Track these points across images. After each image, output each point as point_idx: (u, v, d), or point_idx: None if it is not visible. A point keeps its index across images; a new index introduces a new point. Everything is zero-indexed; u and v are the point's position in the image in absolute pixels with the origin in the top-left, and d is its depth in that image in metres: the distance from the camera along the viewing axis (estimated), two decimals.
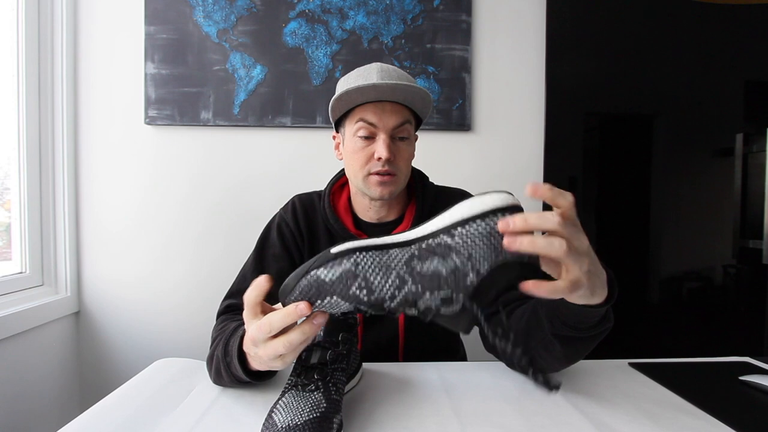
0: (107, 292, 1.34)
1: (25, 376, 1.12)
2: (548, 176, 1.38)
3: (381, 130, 0.72)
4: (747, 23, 1.42)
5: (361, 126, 0.72)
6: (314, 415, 0.47)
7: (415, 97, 0.72)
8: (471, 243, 0.40)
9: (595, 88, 1.43)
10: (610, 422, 0.53)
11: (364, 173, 0.74)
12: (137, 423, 0.54)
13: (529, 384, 0.65)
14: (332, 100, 0.72)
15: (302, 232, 0.81)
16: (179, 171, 1.35)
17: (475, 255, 0.40)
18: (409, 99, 0.72)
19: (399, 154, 0.73)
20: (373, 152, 0.72)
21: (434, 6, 1.35)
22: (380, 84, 0.68)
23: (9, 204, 1.19)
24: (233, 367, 0.57)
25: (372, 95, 0.71)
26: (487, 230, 0.40)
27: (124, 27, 1.32)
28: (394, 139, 0.73)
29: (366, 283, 0.42)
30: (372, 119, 0.71)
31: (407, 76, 0.75)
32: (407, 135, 0.74)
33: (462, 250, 0.40)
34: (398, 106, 0.72)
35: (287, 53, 1.33)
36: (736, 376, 0.67)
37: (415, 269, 0.42)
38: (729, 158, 1.45)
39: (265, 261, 0.79)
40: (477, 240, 0.40)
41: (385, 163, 0.71)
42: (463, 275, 0.41)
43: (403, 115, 0.72)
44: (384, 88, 0.69)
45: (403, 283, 0.42)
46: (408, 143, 0.75)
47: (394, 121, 0.72)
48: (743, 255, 1.44)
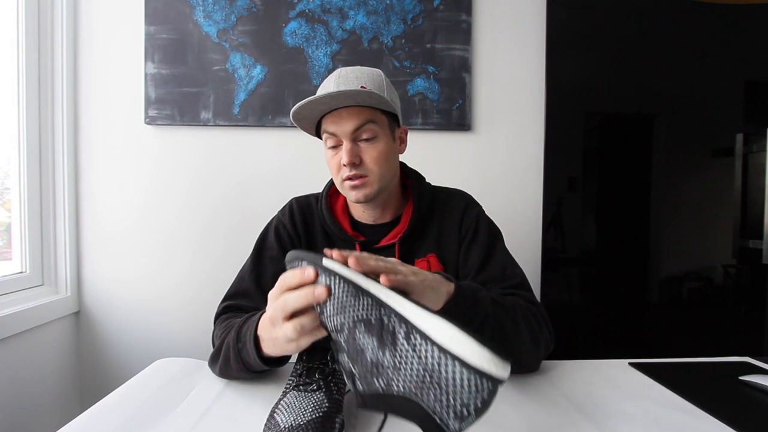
0: (107, 292, 1.34)
1: (25, 376, 1.12)
2: (548, 176, 1.38)
3: (342, 137, 0.73)
4: (747, 23, 1.42)
5: (326, 137, 0.75)
6: (317, 414, 0.47)
7: (363, 96, 0.69)
8: (448, 384, 0.35)
9: (595, 88, 1.44)
10: (610, 422, 0.53)
11: (339, 180, 0.75)
12: (137, 423, 0.54)
13: (529, 384, 0.65)
14: (293, 118, 0.74)
15: (299, 234, 0.81)
16: (179, 171, 1.35)
17: (418, 390, 0.36)
18: (360, 100, 0.70)
19: (366, 155, 0.73)
20: (340, 159, 0.73)
21: (434, 6, 1.35)
22: (317, 99, 0.68)
23: (9, 204, 1.19)
24: (245, 353, 0.57)
25: (323, 108, 0.72)
26: (472, 385, 0.34)
27: (124, 27, 1.32)
28: (359, 141, 0.73)
29: (325, 305, 0.42)
30: (331, 129, 0.73)
31: (366, 76, 0.74)
32: (372, 134, 0.73)
33: (417, 373, 0.36)
34: (356, 109, 0.72)
35: (287, 53, 1.33)
36: (736, 376, 0.67)
37: (357, 329, 0.40)
38: (729, 158, 1.45)
39: (262, 263, 0.79)
40: (455, 384, 0.35)
41: (351, 168, 0.72)
42: (382, 378, 0.39)
43: (361, 117, 0.72)
44: (325, 100, 0.69)
45: (342, 328, 0.42)
46: (374, 142, 0.73)
47: (351, 126, 0.71)
48: (743, 255, 1.44)
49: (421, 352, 0.36)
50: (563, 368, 0.71)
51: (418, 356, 0.36)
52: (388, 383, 0.38)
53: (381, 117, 0.74)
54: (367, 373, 0.40)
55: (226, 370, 0.63)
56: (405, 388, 0.37)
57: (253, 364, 0.57)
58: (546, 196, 1.38)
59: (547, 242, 1.39)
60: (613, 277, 1.47)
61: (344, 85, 0.71)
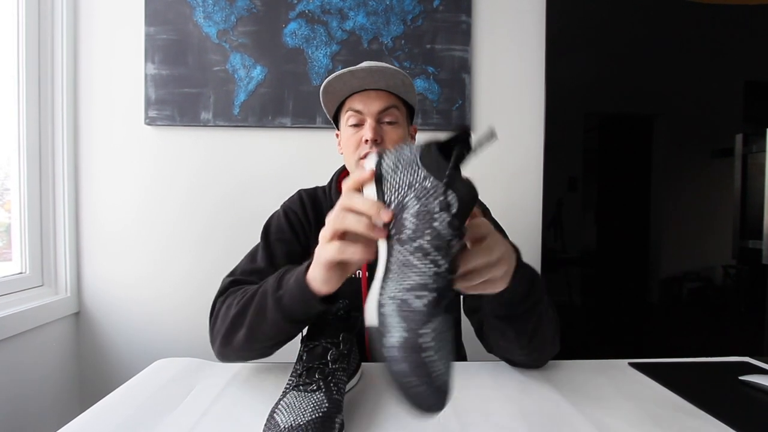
0: (107, 292, 1.34)
1: (25, 376, 1.12)
2: (548, 176, 1.38)
3: (367, 116, 0.76)
4: (747, 23, 1.42)
5: (350, 115, 0.77)
6: (316, 415, 0.47)
7: (396, 81, 0.75)
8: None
9: (595, 88, 1.44)
10: (610, 422, 0.53)
11: (356, 158, 0.77)
12: (137, 423, 0.54)
13: (529, 384, 0.65)
14: (320, 95, 0.78)
15: (310, 220, 0.82)
16: (179, 171, 1.35)
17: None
18: (391, 84, 0.76)
19: (387, 136, 0.76)
20: (361, 137, 0.75)
21: (434, 6, 1.35)
22: (356, 70, 0.73)
23: (9, 204, 1.19)
24: (289, 297, 0.54)
25: (355, 84, 0.76)
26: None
27: (124, 27, 1.32)
28: (382, 123, 0.77)
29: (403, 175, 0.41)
30: (358, 106, 0.76)
31: (393, 70, 0.77)
32: (395, 119, 0.77)
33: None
34: (383, 92, 0.76)
35: (287, 54, 1.33)
36: (736, 376, 0.67)
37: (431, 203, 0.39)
38: (728, 158, 1.45)
39: (273, 245, 0.79)
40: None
41: (372, 145, 0.74)
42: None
43: (388, 100, 0.76)
44: (362, 74, 0.73)
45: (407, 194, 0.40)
46: (396, 127, 0.77)
47: (378, 106, 0.75)
48: (743, 255, 1.44)
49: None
50: (563, 368, 0.71)
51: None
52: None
53: (402, 107, 0.79)
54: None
55: (256, 328, 0.58)
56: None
57: (298, 308, 0.54)
58: (546, 196, 1.38)
59: (547, 242, 1.39)
60: (613, 277, 1.47)
61: (377, 69, 0.75)
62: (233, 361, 0.69)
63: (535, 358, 0.68)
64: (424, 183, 0.40)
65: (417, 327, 0.35)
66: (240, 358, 0.68)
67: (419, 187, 0.40)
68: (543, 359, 0.70)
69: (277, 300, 0.55)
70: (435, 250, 0.38)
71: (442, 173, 0.39)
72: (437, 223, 0.38)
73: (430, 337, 0.35)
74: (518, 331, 0.61)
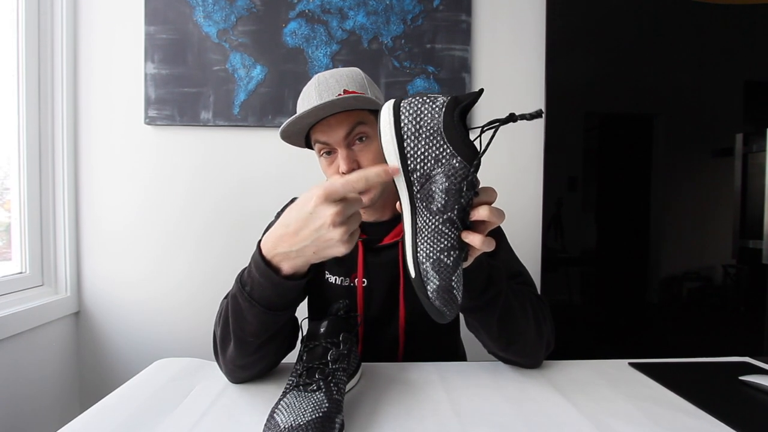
0: (107, 292, 1.34)
1: (25, 376, 1.12)
2: (548, 176, 1.38)
3: (335, 145, 0.72)
4: (747, 23, 1.42)
5: (319, 147, 0.74)
6: (317, 415, 0.47)
7: (348, 100, 0.68)
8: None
9: (595, 88, 1.43)
10: (610, 422, 0.53)
11: None
12: (137, 423, 0.54)
13: (529, 384, 0.65)
14: (281, 137, 0.74)
15: None
16: (179, 171, 1.35)
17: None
18: (346, 104, 0.69)
19: (362, 159, 0.72)
20: (337, 167, 0.73)
21: (434, 6, 1.35)
22: (305, 114, 0.67)
23: (9, 204, 1.19)
24: (260, 289, 0.54)
25: (311, 120, 0.71)
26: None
27: (124, 27, 1.32)
28: (352, 145, 0.73)
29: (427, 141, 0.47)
30: (323, 138, 0.72)
31: (346, 78, 0.73)
32: (364, 134, 0.73)
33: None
34: (343, 114, 0.71)
35: (287, 53, 1.33)
36: (736, 376, 0.67)
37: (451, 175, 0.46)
38: (729, 158, 1.45)
39: None
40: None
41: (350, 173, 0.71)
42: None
43: (350, 121, 0.71)
44: (313, 112, 0.68)
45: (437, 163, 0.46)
46: (368, 143, 0.73)
47: (342, 132, 0.71)
48: (743, 255, 1.44)
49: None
50: (563, 368, 0.71)
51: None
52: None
53: (369, 117, 0.73)
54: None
55: (241, 334, 0.57)
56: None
57: (272, 294, 0.54)
58: (546, 195, 1.38)
59: (547, 242, 1.39)
60: (613, 276, 1.47)
61: (326, 93, 0.70)
62: (247, 379, 0.66)
63: (514, 351, 0.68)
64: (452, 161, 0.45)
65: (449, 276, 0.48)
66: (248, 371, 0.65)
67: (447, 165, 0.46)
68: (529, 355, 0.69)
69: (248, 297, 0.55)
70: (460, 221, 0.47)
71: (468, 153, 0.45)
72: (464, 200, 0.47)
73: (457, 281, 0.48)
74: (482, 322, 0.64)
